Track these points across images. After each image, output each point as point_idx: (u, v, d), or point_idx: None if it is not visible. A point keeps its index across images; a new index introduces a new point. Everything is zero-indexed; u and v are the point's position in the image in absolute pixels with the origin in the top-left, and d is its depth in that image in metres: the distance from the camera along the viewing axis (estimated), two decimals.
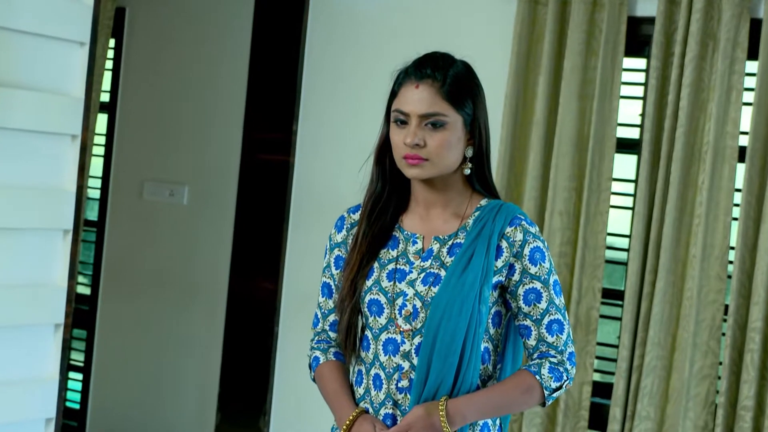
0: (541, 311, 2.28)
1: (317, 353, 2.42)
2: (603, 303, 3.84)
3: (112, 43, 4.89)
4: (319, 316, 2.45)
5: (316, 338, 2.45)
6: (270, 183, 4.38)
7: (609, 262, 3.87)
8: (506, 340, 2.34)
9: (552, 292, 2.28)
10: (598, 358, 3.91)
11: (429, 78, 2.25)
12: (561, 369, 2.28)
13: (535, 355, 2.30)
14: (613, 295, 3.93)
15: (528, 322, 2.29)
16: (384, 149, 2.34)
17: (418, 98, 2.24)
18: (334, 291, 2.41)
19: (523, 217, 2.29)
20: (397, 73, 2.30)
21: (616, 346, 3.77)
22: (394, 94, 2.29)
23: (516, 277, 2.27)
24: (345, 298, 2.33)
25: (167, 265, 4.80)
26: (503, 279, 2.28)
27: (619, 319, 3.80)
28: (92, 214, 5.10)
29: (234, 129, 4.54)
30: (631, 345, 3.68)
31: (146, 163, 4.87)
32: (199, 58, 4.73)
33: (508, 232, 2.27)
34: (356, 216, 2.40)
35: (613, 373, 3.81)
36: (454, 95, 2.25)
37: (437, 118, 2.24)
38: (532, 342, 2.29)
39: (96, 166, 4.95)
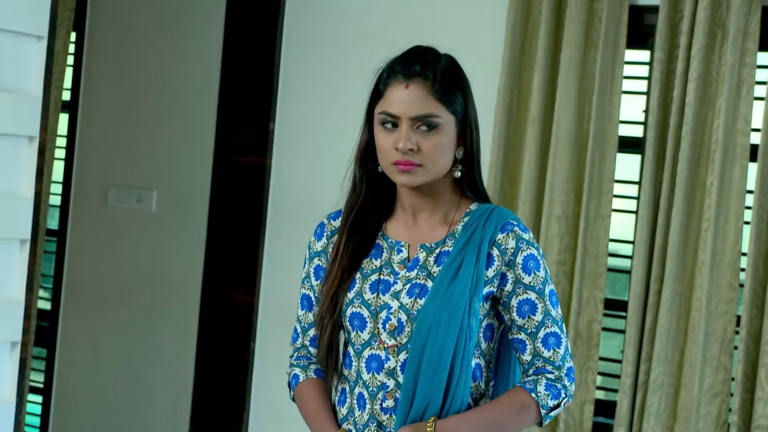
0: (537, 324, 2.28)
1: (297, 371, 2.42)
2: (605, 315, 3.85)
3: (73, 37, 4.88)
4: (299, 330, 2.45)
5: (296, 354, 2.45)
6: (245, 187, 4.37)
7: (611, 270, 3.88)
8: (499, 356, 2.35)
9: (548, 302, 2.28)
10: (600, 374, 3.92)
11: (419, 76, 2.24)
12: (559, 386, 2.28)
13: (531, 371, 2.30)
14: (615, 306, 3.94)
15: (522, 336, 2.29)
16: (366, 152, 2.33)
17: (410, 99, 2.23)
18: (314, 303, 2.41)
19: (515, 223, 2.29)
20: (380, 71, 2.29)
21: (620, 362, 3.78)
22: (378, 95, 2.28)
23: (508, 287, 2.27)
24: (325, 314, 2.33)
25: (134, 277, 4.79)
26: (495, 290, 2.28)
27: (623, 332, 3.81)
28: (53, 222, 5.09)
29: (206, 129, 4.54)
30: (636, 360, 3.68)
31: (111, 167, 4.86)
32: (167, 53, 4.72)
33: (499, 239, 2.27)
34: (337, 223, 2.40)
35: (616, 391, 3.81)
36: (445, 93, 2.24)
37: (431, 119, 2.23)
38: (527, 357, 2.29)
39: (57, 170, 4.94)
